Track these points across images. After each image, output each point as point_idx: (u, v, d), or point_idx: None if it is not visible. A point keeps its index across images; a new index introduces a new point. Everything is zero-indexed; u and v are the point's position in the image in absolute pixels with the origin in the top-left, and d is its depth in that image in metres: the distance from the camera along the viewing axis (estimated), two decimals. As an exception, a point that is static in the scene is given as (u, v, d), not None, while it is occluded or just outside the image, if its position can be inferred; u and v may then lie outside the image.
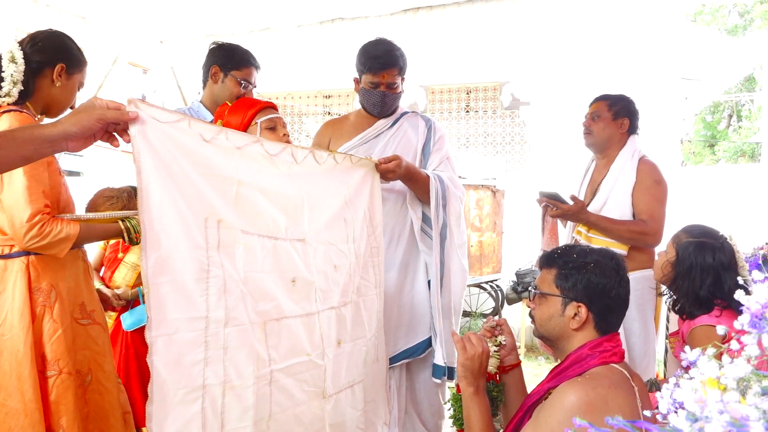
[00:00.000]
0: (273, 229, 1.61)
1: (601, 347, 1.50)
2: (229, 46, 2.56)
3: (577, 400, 1.36)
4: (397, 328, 2.41)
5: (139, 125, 1.33)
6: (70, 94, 2.04)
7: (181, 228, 1.38)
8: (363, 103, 2.53)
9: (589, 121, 2.85)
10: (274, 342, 1.56)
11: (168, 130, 1.39)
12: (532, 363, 5.52)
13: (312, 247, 1.72)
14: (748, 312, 0.63)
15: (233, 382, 1.44)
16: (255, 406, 1.49)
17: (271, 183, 1.64)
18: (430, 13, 4.10)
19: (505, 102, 7.06)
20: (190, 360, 1.37)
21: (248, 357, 1.49)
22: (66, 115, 1.35)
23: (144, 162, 1.34)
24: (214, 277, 1.43)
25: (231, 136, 1.55)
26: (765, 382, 0.56)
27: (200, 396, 1.38)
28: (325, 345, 1.73)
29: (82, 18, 4.81)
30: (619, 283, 1.55)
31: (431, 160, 2.49)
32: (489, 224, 5.75)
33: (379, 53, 2.42)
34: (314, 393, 1.68)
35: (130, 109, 1.33)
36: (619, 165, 2.76)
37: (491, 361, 1.73)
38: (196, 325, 1.38)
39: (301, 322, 1.66)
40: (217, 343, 1.41)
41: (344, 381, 1.82)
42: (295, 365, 1.62)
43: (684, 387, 0.58)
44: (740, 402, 0.54)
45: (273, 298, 1.58)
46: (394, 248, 2.42)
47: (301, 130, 8.03)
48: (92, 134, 1.33)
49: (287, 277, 1.63)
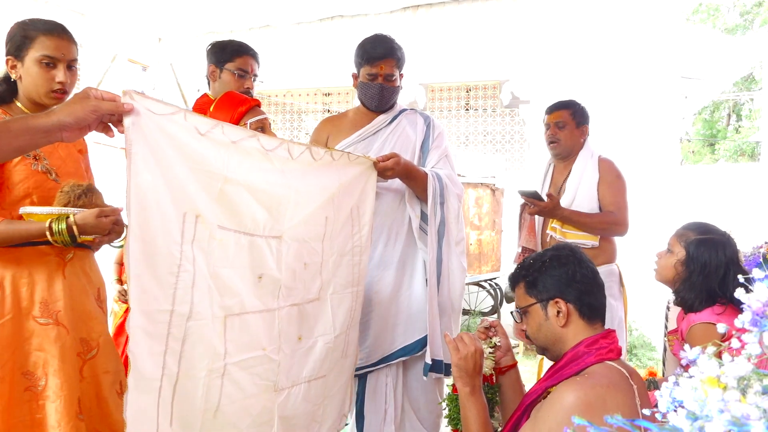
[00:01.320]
0: (251, 226, 1.62)
1: (597, 344, 1.51)
2: (221, 43, 2.55)
3: (576, 399, 1.36)
4: (394, 325, 2.41)
5: (134, 116, 1.33)
6: (33, 78, 1.88)
7: (160, 221, 1.40)
8: (361, 98, 2.53)
9: (554, 130, 2.99)
10: (232, 336, 1.57)
11: (162, 123, 1.40)
12: (530, 361, 5.52)
13: (287, 244, 1.73)
14: (749, 310, 0.62)
15: (186, 372, 1.46)
16: (203, 397, 1.51)
17: (260, 179, 1.65)
18: (430, 11, 4.09)
19: (504, 100, 7.05)
20: (155, 350, 1.40)
21: (205, 350, 1.51)
22: (60, 105, 1.34)
23: (135, 153, 1.34)
24: (184, 271, 1.44)
25: (227, 130, 1.55)
26: (766, 381, 0.56)
27: (158, 387, 1.41)
28: (282, 340, 1.73)
29: (81, 14, 4.80)
30: (579, 265, 1.58)
31: (430, 157, 2.49)
32: (488, 222, 5.75)
33: (376, 45, 2.43)
34: (265, 386, 1.70)
35: (125, 100, 1.32)
36: (581, 165, 2.97)
37: (486, 363, 1.73)
38: (161, 318, 1.41)
39: (261, 317, 1.67)
40: (177, 335, 1.44)
41: (300, 375, 1.83)
42: (250, 359, 1.64)
43: (684, 386, 0.58)
44: (741, 401, 0.54)
45: (237, 294, 1.59)
46: (392, 246, 2.42)
47: (301, 127, 8.02)
48: (87, 125, 1.32)
49: (255, 273, 1.65)
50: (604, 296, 1.62)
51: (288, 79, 7.28)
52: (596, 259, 2.77)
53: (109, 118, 1.34)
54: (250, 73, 2.52)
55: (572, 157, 3.00)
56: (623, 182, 2.94)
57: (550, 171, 3.15)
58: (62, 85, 1.89)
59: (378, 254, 2.41)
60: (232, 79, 2.45)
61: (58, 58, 1.88)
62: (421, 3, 4.11)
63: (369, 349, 2.41)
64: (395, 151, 2.31)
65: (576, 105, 3.01)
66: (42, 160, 1.91)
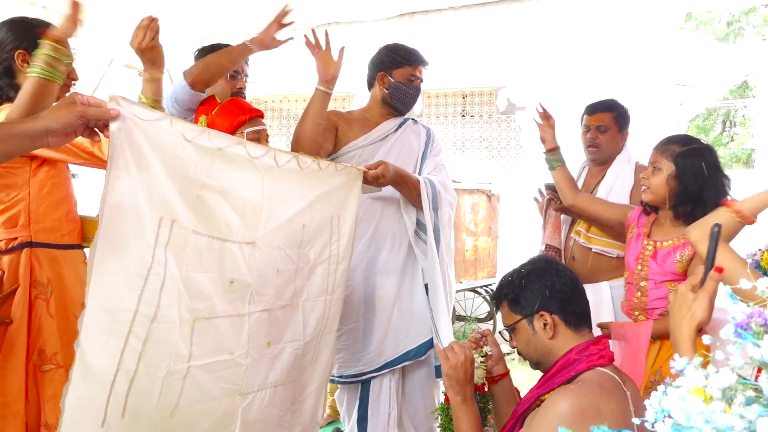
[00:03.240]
0: (225, 232, 1.63)
1: (587, 351, 1.51)
2: (209, 48, 2.54)
3: (569, 408, 1.36)
4: (397, 330, 2.43)
5: (120, 122, 1.35)
6: None
7: (135, 224, 1.42)
8: (391, 98, 2.50)
9: (594, 134, 2.78)
10: (199, 339, 1.58)
11: (148, 128, 1.41)
12: (526, 368, 5.51)
13: (260, 250, 1.73)
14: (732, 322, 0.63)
15: (145, 371, 1.48)
16: (161, 395, 1.52)
17: (237, 186, 1.65)
18: (426, 18, 4.10)
19: (500, 107, 7.08)
20: (112, 346, 1.42)
21: (167, 352, 1.52)
22: (47, 111, 1.35)
23: (117, 158, 1.36)
24: (154, 274, 1.46)
25: (213, 137, 1.57)
26: (749, 392, 0.56)
27: (111, 381, 1.42)
28: (250, 345, 1.74)
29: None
30: (557, 275, 1.59)
31: (426, 164, 2.51)
32: (484, 229, 5.75)
33: (414, 50, 2.51)
34: (230, 390, 1.70)
35: (112, 106, 1.34)
36: (616, 169, 2.78)
37: (478, 372, 1.73)
38: (124, 316, 1.42)
39: (231, 321, 1.68)
40: (139, 334, 1.45)
41: (267, 380, 1.83)
42: (216, 363, 1.64)
43: (671, 395, 0.58)
44: (726, 411, 0.54)
45: (208, 298, 1.60)
46: (396, 254, 2.43)
47: (297, 133, 8.03)
48: (73, 130, 1.33)
49: (227, 278, 1.65)
50: (586, 301, 1.62)
51: (284, 85, 7.28)
52: (622, 269, 2.57)
53: (95, 123, 1.35)
54: (241, 74, 2.51)
55: (609, 162, 2.81)
56: None
57: (584, 174, 2.96)
58: (71, 81, 1.98)
59: (382, 261, 2.42)
60: (223, 81, 2.45)
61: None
62: (417, 10, 4.12)
63: (372, 355, 2.42)
64: (400, 159, 2.36)
65: (620, 107, 2.81)
66: None
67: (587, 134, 2.83)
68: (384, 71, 2.50)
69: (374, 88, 2.56)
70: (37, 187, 1.94)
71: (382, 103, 2.53)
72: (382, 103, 2.54)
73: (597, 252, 2.70)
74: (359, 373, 2.44)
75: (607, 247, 2.68)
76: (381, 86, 2.51)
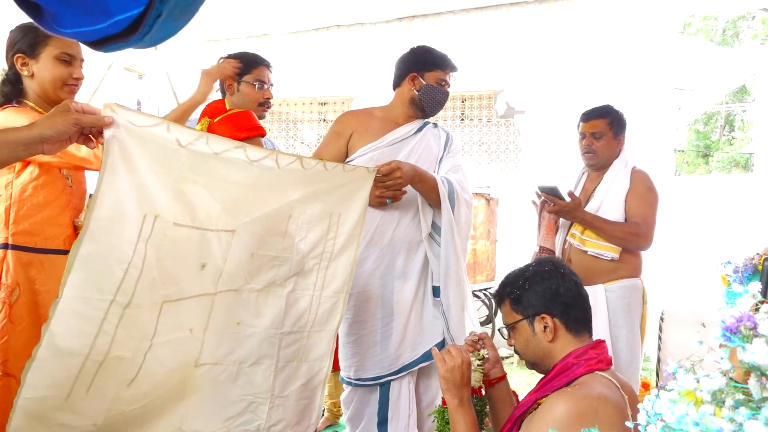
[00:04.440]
0: (204, 221, 1.66)
1: (586, 355, 1.51)
2: (234, 55, 2.58)
3: (567, 411, 1.36)
4: (415, 334, 2.44)
5: (114, 129, 1.37)
6: (51, 72, 2.02)
7: (121, 224, 1.45)
8: (420, 100, 2.49)
9: (590, 140, 2.83)
10: (165, 320, 1.63)
11: (143, 134, 1.43)
12: (524, 371, 5.51)
13: (239, 236, 1.76)
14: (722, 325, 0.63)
15: (115, 353, 1.52)
16: (124, 371, 1.57)
17: (227, 179, 1.67)
18: (425, 22, 4.11)
19: (499, 110, 7.08)
20: (85, 331, 1.45)
21: (136, 333, 1.56)
22: (41, 118, 1.36)
23: (111, 163, 1.39)
24: (133, 267, 1.49)
25: (212, 142, 1.59)
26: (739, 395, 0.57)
27: (81, 362, 1.46)
28: (211, 321, 1.77)
29: (78, 23, 4.80)
30: (563, 280, 1.59)
31: (443, 164, 2.51)
32: (483, 232, 5.75)
33: (446, 55, 2.52)
34: (185, 362, 1.74)
35: (106, 113, 1.35)
36: (613, 173, 2.82)
37: (475, 376, 1.73)
38: (100, 305, 1.46)
39: (197, 302, 1.71)
40: (112, 320, 1.49)
41: (231, 357, 1.86)
42: (176, 339, 1.68)
43: (663, 399, 0.58)
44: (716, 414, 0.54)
45: (177, 282, 1.64)
46: (413, 260, 2.43)
47: (296, 136, 8.03)
48: (67, 137, 1.35)
49: (199, 263, 1.68)
50: (589, 307, 1.62)
51: (284, 88, 7.29)
52: (617, 272, 2.71)
53: (90, 130, 1.36)
54: (268, 83, 2.56)
55: (607, 167, 2.87)
56: (655, 196, 2.80)
57: (583, 179, 3.01)
58: (77, 81, 2.05)
59: (399, 266, 2.42)
60: (251, 91, 2.49)
61: (74, 55, 2.05)
62: (417, 13, 4.13)
63: (391, 358, 2.43)
64: (419, 162, 2.36)
65: (615, 113, 2.86)
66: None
67: (583, 141, 2.88)
68: (416, 72, 2.49)
69: (401, 88, 2.54)
70: (20, 189, 1.93)
71: (409, 104, 2.52)
72: (409, 104, 2.52)
73: (592, 255, 2.73)
74: (378, 376, 2.45)
75: (602, 250, 2.72)
76: (411, 87, 2.50)
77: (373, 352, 2.44)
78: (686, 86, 6.61)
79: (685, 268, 5.22)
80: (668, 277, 4.99)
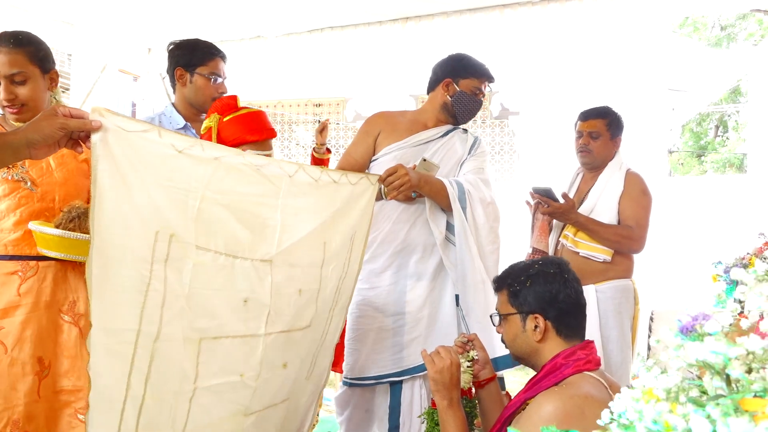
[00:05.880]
0: (233, 248, 1.57)
1: (574, 356, 1.51)
2: (187, 44, 2.42)
3: (554, 410, 1.36)
4: (425, 337, 2.39)
5: (102, 133, 1.32)
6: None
7: (128, 239, 1.37)
8: (452, 107, 2.49)
9: (587, 140, 2.83)
10: (206, 359, 1.53)
11: (133, 140, 1.37)
12: (519, 372, 5.51)
13: (278, 268, 1.67)
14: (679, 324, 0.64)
15: (152, 394, 1.43)
16: (170, 420, 1.47)
17: (247, 199, 1.60)
18: (419, 24, 4.12)
19: (494, 111, 7.10)
20: (118, 370, 1.38)
21: (173, 373, 1.47)
22: (29, 122, 1.34)
23: (101, 171, 1.33)
24: (153, 290, 1.41)
25: (207, 148, 1.52)
26: (693, 392, 0.57)
27: (120, 408, 1.38)
28: (263, 367, 1.67)
29: (70, 24, 4.79)
30: (564, 285, 1.58)
31: (464, 166, 2.48)
32: (478, 233, 5.76)
33: (483, 64, 2.53)
34: (236, 410, 1.64)
35: (94, 117, 1.32)
36: (607, 175, 2.82)
37: (464, 377, 1.73)
38: (127, 337, 1.38)
39: (242, 342, 1.61)
40: (144, 356, 1.40)
41: (275, 400, 1.78)
42: (223, 384, 1.59)
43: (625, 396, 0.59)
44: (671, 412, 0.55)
45: (216, 317, 1.54)
46: (426, 261, 2.39)
47: (291, 138, 8.02)
48: (55, 141, 1.32)
49: (239, 297, 1.59)
50: (584, 317, 1.62)
51: (278, 90, 7.30)
52: (608, 273, 2.70)
53: (78, 134, 1.33)
54: (223, 77, 2.42)
55: (602, 168, 2.86)
56: (648, 199, 2.78)
57: (578, 180, 3.00)
58: (8, 102, 1.87)
59: (412, 266, 2.39)
60: (206, 84, 2.35)
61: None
62: (411, 15, 4.14)
63: (395, 358, 2.39)
64: (442, 164, 2.35)
65: (612, 114, 2.86)
66: (17, 168, 1.90)
67: (580, 140, 2.87)
68: (451, 78, 2.48)
69: (435, 93, 2.53)
70: None
71: (441, 109, 2.50)
72: (441, 109, 2.51)
73: (584, 256, 2.73)
74: (379, 375, 2.41)
75: (594, 252, 2.71)
76: (445, 92, 2.49)
77: (376, 349, 2.41)
78: (680, 87, 6.64)
79: (678, 268, 5.24)
80: (662, 277, 5.01)
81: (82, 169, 2.02)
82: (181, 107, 2.43)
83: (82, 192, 2.00)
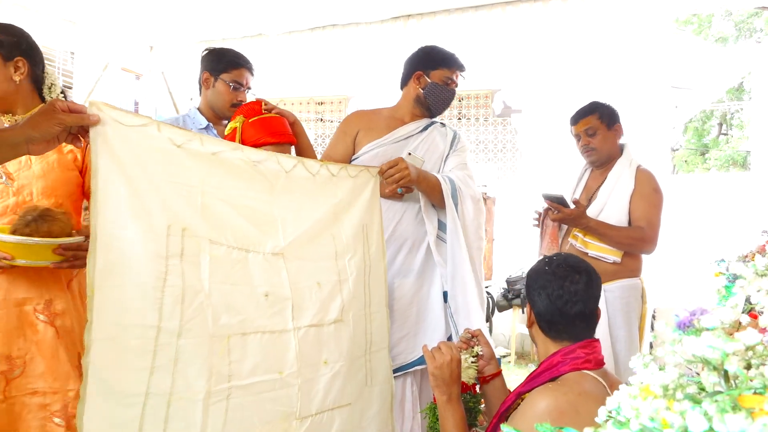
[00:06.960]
0: (243, 241, 1.56)
1: (573, 354, 1.51)
2: (218, 51, 2.54)
3: (547, 406, 1.37)
4: (415, 333, 2.40)
5: (100, 128, 1.32)
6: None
7: (137, 234, 1.36)
8: (425, 99, 2.49)
9: (586, 139, 2.81)
10: (238, 357, 1.51)
11: (132, 134, 1.37)
12: (522, 370, 5.52)
13: (291, 262, 1.67)
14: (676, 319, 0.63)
15: (181, 393, 1.40)
16: (204, 420, 1.44)
17: (243, 195, 1.59)
18: (421, 21, 4.12)
19: (496, 109, 7.08)
20: (133, 366, 1.34)
21: (201, 370, 1.44)
22: (26, 119, 1.33)
23: (101, 165, 1.32)
24: (170, 286, 1.39)
25: (206, 142, 1.53)
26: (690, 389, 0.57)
27: (141, 402, 1.35)
28: (301, 364, 1.65)
29: (72, 22, 4.80)
30: (567, 293, 1.54)
31: (449, 161, 2.49)
32: (480, 231, 5.76)
33: (453, 54, 2.49)
34: (283, 413, 1.61)
35: (92, 111, 1.31)
36: (617, 172, 2.78)
37: (469, 372, 1.73)
38: (144, 333, 1.35)
39: (273, 337, 1.60)
40: (167, 353, 1.38)
41: (326, 402, 1.74)
42: (261, 383, 1.56)
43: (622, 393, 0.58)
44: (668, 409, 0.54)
45: (240, 312, 1.53)
46: (413, 257, 2.40)
47: (294, 136, 8.03)
48: (54, 137, 1.31)
49: (260, 291, 1.58)
50: (575, 323, 1.58)
51: (281, 88, 7.29)
52: (618, 274, 2.67)
53: (77, 129, 1.33)
54: (245, 86, 2.51)
55: (610, 164, 2.81)
56: (660, 197, 2.74)
57: (585, 177, 2.96)
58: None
59: (398, 263, 2.40)
60: (226, 90, 2.45)
61: None
62: (413, 13, 4.14)
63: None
64: (425, 159, 2.34)
65: (601, 106, 2.83)
66: None
67: (579, 142, 2.87)
68: (422, 70, 2.48)
69: (408, 87, 2.53)
70: None
71: (415, 103, 2.51)
72: (414, 103, 2.51)
73: (593, 257, 2.70)
74: None
75: (604, 253, 2.68)
76: (416, 85, 2.49)
77: None
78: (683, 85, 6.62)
79: (682, 266, 5.23)
80: (666, 275, 5.00)
81: (64, 160, 1.91)
82: (204, 110, 2.52)
83: (62, 185, 1.89)
